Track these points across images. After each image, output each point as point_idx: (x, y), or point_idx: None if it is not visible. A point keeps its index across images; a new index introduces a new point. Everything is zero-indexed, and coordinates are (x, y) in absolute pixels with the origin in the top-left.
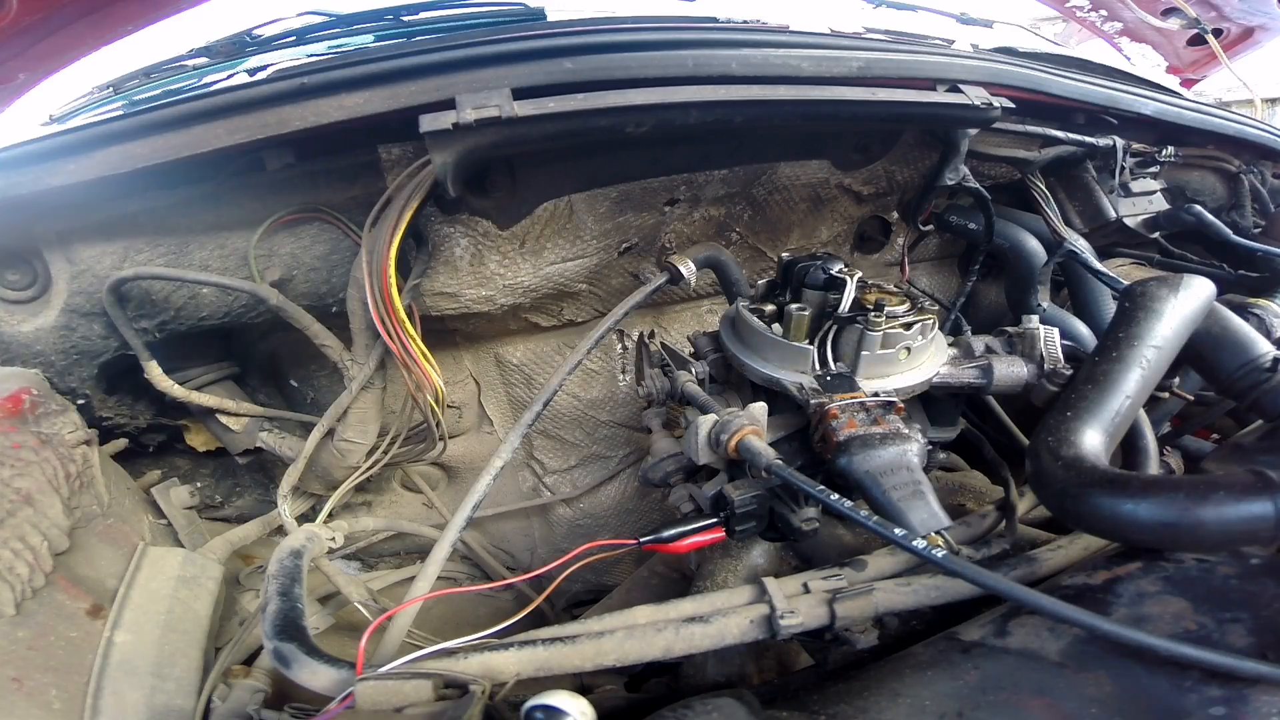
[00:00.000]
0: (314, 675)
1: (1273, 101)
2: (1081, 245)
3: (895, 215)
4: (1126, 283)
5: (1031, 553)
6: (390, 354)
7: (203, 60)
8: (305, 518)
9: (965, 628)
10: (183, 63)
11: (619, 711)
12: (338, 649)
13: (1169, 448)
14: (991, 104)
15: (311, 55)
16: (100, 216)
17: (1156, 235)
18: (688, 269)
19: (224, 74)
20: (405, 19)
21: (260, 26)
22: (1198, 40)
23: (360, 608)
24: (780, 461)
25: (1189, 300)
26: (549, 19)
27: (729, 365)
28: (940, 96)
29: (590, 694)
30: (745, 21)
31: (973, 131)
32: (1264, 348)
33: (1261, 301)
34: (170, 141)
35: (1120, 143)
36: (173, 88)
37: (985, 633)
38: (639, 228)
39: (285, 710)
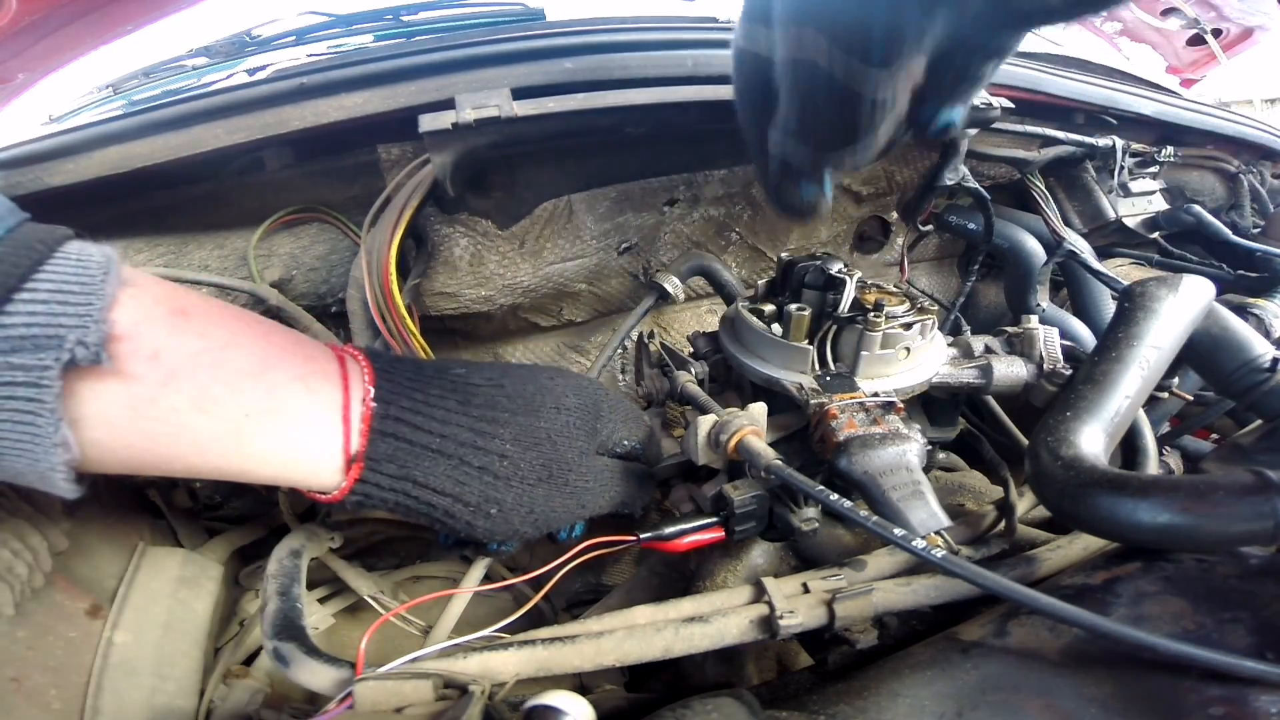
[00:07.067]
0: (313, 675)
1: (1272, 101)
2: (1081, 245)
3: (895, 215)
4: (1126, 283)
5: (1031, 553)
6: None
7: (202, 60)
8: (305, 517)
9: (965, 628)
10: (182, 63)
11: (619, 711)
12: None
13: (1168, 448)
14: (991, 104)
15: (311, 55)
16: (99, 216)
17: (1156, 235)
18: (672, 285)
19: (224, 74)
20: (405, 19)
21: (260, 26)
22: (1197, 40)
23: (372, 601)
24: (780, 462)
25: (1188, 300)
26: (549, 19)
27: (728, 366)
28: None
29: (590, 694)
30: None
31: (972, 131)
32: (1263, 348)
33: (1260, 301)
34: (170, 141)
35: (1120, 143)
36: (172, 88)
37: (985, 633)
38: (639, 228)
39: (285, 710)
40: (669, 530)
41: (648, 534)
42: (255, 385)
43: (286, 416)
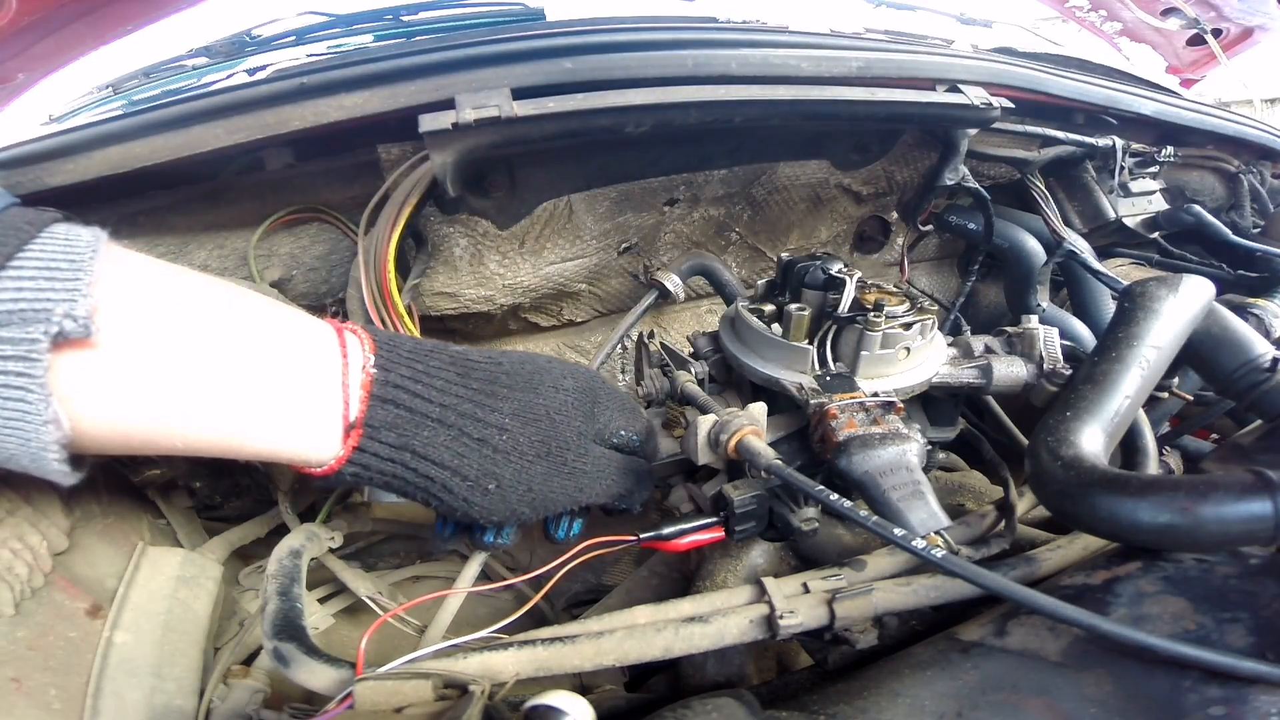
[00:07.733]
0: (313, 675)
1: (1272, 101)
2: (1081, 245)
3: (895, 215)
4: (1126, 283)
5: (1031, 553)
6: None
7: (202, 60)
8: (305, 517)
9: (965, 628)
10: (182, 63)
11: (619, 711)
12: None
13: (1168, 448)
14: (991, 104)
15: (311, 55)
16: (99, 217)
17: (1156, 235)
18: (673, 283)
19: (224, 74)
20: (405, 19)
21: (260, 26)
22: (1197, 40)
23: (370, 601)
24: (780, 461)
25: (1188, 300)
26: (549, 19)
27: (729, 365)
28: (940, 96)
29: (590, 694)
30: (745, 21)
31: (972, 131)
32: (1263, 348)
33: (1261, 301)
34: (170, 141)
35: (1120, 143)
36: (172, 88)
37: (985, 633)
38: (639, 228)
39: (285, 710)
40: (669, 530)
41: (648, 534)
42: (251, 354)
43: (283, 384)
